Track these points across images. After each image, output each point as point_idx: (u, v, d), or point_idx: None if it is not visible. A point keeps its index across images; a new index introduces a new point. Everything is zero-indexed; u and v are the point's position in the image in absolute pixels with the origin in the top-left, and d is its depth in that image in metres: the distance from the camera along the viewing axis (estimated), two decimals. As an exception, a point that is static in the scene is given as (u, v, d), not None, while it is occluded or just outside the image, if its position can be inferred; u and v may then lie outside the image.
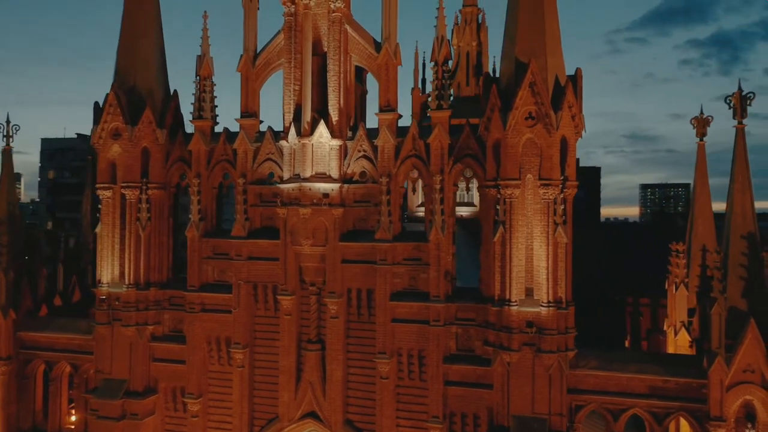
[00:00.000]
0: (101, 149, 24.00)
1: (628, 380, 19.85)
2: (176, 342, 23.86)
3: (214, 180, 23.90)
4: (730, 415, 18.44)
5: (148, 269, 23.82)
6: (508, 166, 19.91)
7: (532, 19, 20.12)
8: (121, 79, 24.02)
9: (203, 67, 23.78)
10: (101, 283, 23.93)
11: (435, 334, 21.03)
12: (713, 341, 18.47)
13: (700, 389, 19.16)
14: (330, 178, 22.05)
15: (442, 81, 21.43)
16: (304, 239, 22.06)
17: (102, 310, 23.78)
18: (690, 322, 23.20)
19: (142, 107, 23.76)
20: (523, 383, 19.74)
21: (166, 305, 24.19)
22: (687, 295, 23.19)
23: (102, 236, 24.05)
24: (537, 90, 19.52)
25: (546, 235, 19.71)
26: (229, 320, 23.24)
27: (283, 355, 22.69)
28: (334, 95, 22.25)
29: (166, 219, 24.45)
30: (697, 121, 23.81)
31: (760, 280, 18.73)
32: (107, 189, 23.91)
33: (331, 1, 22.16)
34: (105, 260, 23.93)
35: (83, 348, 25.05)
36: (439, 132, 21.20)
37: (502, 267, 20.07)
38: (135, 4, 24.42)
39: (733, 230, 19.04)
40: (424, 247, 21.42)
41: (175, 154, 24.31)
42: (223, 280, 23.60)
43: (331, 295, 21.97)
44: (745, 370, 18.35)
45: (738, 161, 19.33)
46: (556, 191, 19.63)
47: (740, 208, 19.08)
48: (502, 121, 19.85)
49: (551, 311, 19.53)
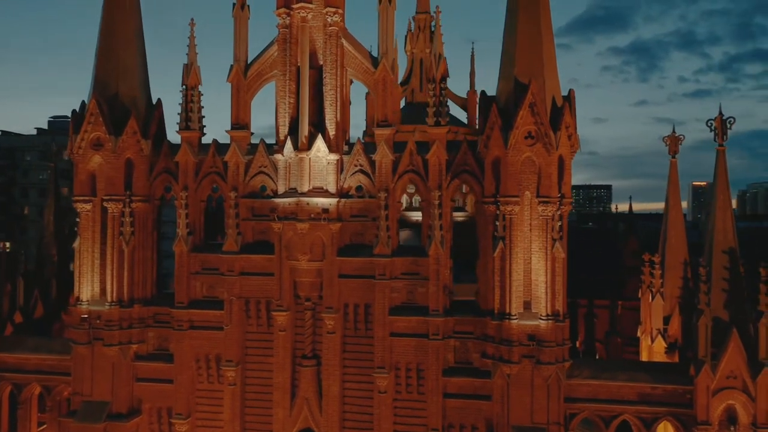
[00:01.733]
0: (80, 160, 22.83)
1: (619, 388, 20.85)
2: (162, 361, 23.04)
3: (203, 193, 23.23)
4: (714, 419, 19.70)
5: (131, 285, 22.87)
6: (508, 184, 20.47)
7: (531, 42, 20.77)
8: (101, 87, 22.94)
9: (191, 77, 23.07)
10: (81, 300, 22.77)
11: (434, 348, 21.32)
12: (700, 350, 19.69)
13: (685, 395, 20.39)
14: (327, 192, 21.93)
15: (440, 98, 21.74)
16: (302, 254, 21.83)
17: (81, 329, 22.60)
18: (665, 329, 24.60)
19: (125, 116, 22.80)
20: (523, 394, 20.36)
21: (151, 323, 23.31)
22: (663, 304, 24.56)
23: (81, 251, 22.88)
24: (537, 110, 20.17)
25: (545, 250, 20.41)
26: (219, 337, 22.67)
27: (278, 372, 22.36)
28: (331, 109, 22.14)
29: (150, 233, 23.57)
30: (669, 140, 25.33)
31: (740, 291, 20.13)
32: (87, 202, 22.78)
33: (328, 15, 22.03)
34: (84, 277, 22.79)
35: (57, 369, 23.75)
36: (437, 148, 21.50)
37: (502, 281, 20.61)
38: (116, 10, 23.37)
39: (715, 246, 20.37)
40: (421, 262, 21.67)
41: (159, 165, 23.44)
42: (212, 296, 22.99)
43: (328, 311, 21.86)
44: (729, 377, 19.64)
45: (719, 181, 20.70)
46: (554, 208, 20.36)
47: (722, 225, 20.44)
48: (504, 140, 20.39)
49: (550, 324, 20.25)
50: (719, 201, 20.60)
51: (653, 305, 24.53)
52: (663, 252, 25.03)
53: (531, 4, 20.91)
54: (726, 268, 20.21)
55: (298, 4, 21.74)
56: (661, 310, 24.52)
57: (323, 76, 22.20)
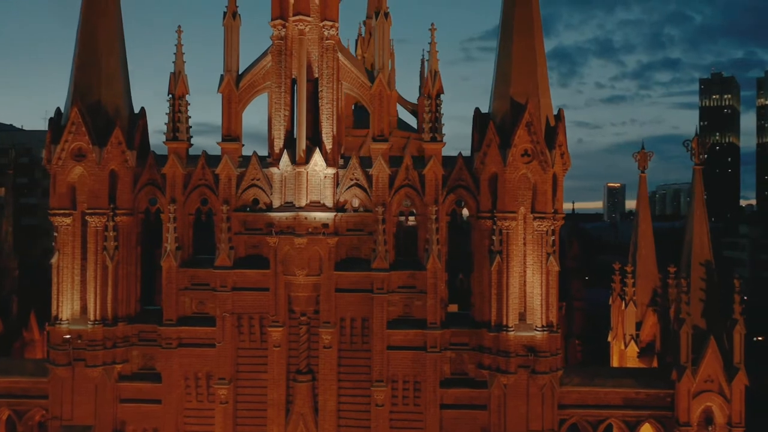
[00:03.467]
0: (60, 171, 21.62)
1: (606, 393, 21.97)
2: (148, 380, 22.18)
3: (191, 206, 22.53)
4: (694, 421, 21.14)
5: (115, 303, 21.87)
6: (506, 200, 21.12)
7: (526, 62, 21.51)
8: (82, 94, 21.79)
9: (178, 86, 22.33)
10: (60, 319, 21.57)
11: (432, 360, 21.67)
12: (682, 357, 21.07)
13: (665, 398, 21.77)
14: (324, 206, 21.83)
15: (436, 114, 22.11)
16: (299, 269, 21.62)
17: (60, 350, 21.40)
18: (637, 334, 26.05)
19: (108, 126, 21.80)
20: (519, 404, 21.07)
21: (135, 341, 22.38)
22: (635, 311, 25.99)
23: (60, 268, 21.67)
24: (533, 129, 20.93)
25: (540, 264, 21.20)
26: (210, 355, 22.08)
27: (272, 388, 22.03)
28: (328, 123, 22.06)
29: (134, 247, 22.62)
30: (639, 155, 26.82)
31: (716, 300, 21.69)
32: (66, 215, 21.60)
33: (325, 28, 21.93)
34: (64, 295, 21.60)
35: (30, 392, 22.33)
36: (434, 164, 21.87)
37: (499, 294, 21.24)
38: (97, 16, 22.28)
39: (693, 258, 21.85)
40: (418, 275, 21.96)
41: (144, 177, 22.54)
42: (202, 312, 22.35)
43: (325, 325, 21.77)
44: (707, 380, 21.13)
45: (696, 198, 22.21)
46: (549, 224, 21.19)
47: (699, 238, 21.95)
48: (502, 157, 21.01)
49: (545, 335, 21.06)
50: (696, 216, 22.10)
51: (627, 312, 25.88)
52: (635, 261, 26.45)
53: (526, 26, 21.66)
54: (703, 279, 21.71)
55: (296, 17, 21.51)
56: (633, 317, 25.88)
57: (319, 90, 22.07)
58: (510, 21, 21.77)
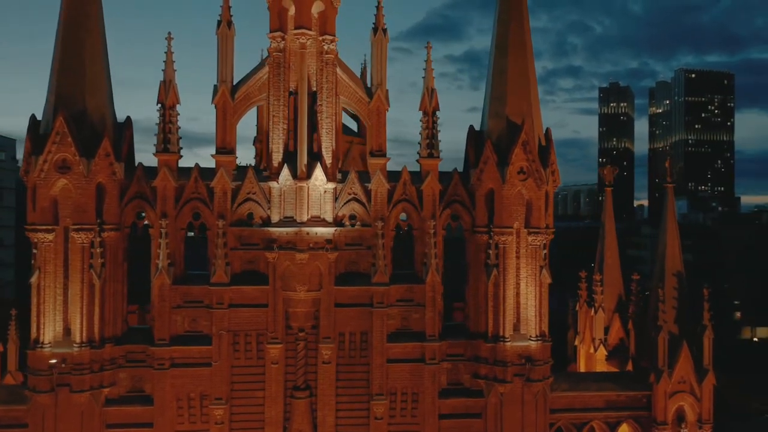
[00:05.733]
0: (42, 184, 20.19)
1: (590, 397, 23.33)
2: (137, 403, 21.17)
3: (183, 220, 21.71)
4: (669, 419, 22.90)
5: (102, 323, 20.70)
6: (503, 216, 21.93)
7: (520, 83, 22.44)
8: (65, 103, 20.47)
9: (169, 95, 21.46)
10: (42, 343, 20.14)
11: (430, 372, 22.12)
12: (660, 361, 22.77)
13: (642, 399, 23.44)
14: (325, 221, 21.74)
15: (433, 130, 22.58)
16: (300, 284, 21.40)
17: (42, 375, 19.99)
18: (605, 339, 27.77)
19: (94, 136, 20.61)
20: (514, 411, 21.96)
21: (122, 362, 21.28)
22: (603, 317, 27.70)
23: (41, 288, 20.24)
24: (529, 148, 21.88)
25: (534, 276, 22.19)
26: (203, 374, 21.40)
27: (269, 406, 21.67)
28: (328, 137, 21.98)
29: (121, 264, 21.51)
30: (606, 171, 28.63)
31: (685, 307, 23.60)
32: (49, 231, 20.20)
33: (325, 43, 21.84)
34: (46, 316, 20.20)
35: (3, 420, 20.69)
36: (431, 179, 22.33)
37: (496, 306, 22.03)
38: (81, 16, 20.99)
39: (667, 269, 23.65)
40: (416, 289, 22.35)
41: (132, 190, 21.48)
42: (195, 331, 21.60)
43: (325, 341, 21.68)
44: (680, 382, 22.96)
45: (669, 213, 24.05)
46: (542, 238, 22.21)
47: (671, 251, 23.78)
48: (501, 175, 21.81)
49: (539, 344, 22.07)
50: (669, 231, 23.93)
51: (596, 318, 27.54)
52: (602, 270, 28.18)
53: (520, 49, 22.58)
54: (675, 288, 23.54)
55: (298, 30, 21.28)
56: (602, 322, 27.60)
57: (318, 104, 21.94)
58: (504, 43, 22.61)
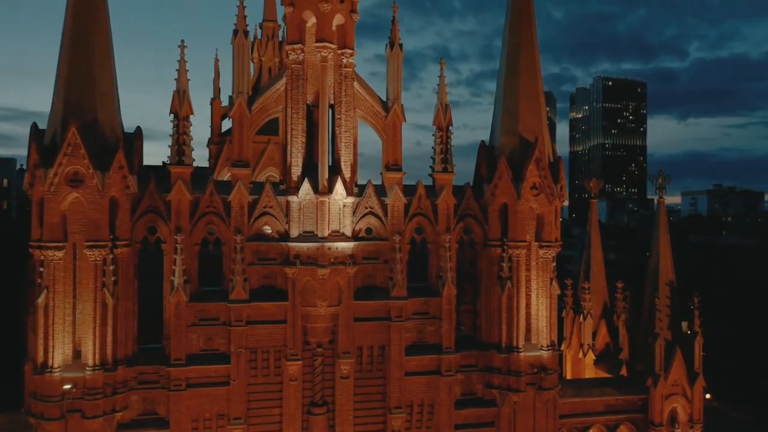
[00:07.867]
0: (51, 198, 18.99)
1: (592, 402, 24.40)
2: (150, 427, 20.29)
3: (197, 235, 21.00)
4: (665, 421, 24.30)
5: (115, 344, 19.71)
6: (517, 230, 22.57)
7: (532, 102, 23.16)
8: (76, 112, 19.35)
9: (183, 106, 20.73)
10: (51, 367, 18.94)
11: (447, 384, 22.45)
12: (656, 366, 24.13)
13: (637, 402, 24.75)
14: (344, 236, 21.62)
15: (447, 145, 22.94)
16: (320, 300, 21.18)
17: (52, 402, 18.81)
18: (593, 344, 29.04)
19: (106, 148, 19.63)
20: (527, 419, 22.65)
21: (134, 384, 20.33)
22: (591, 323, 28.97)
23: (49, 308, 19.03)
24: (542, 165, 22.64)
25: (545, 288, 22.96)
26: (220, 394, 20.81)
27: (287, 423, 21.34)
28: (347, 151, 21.88)
29: (132, 281, 20.53)
30: (593, 184, 29.93)
31: (679, 315, 25.10)
32: (59, 249, 19.03)
33: (344, 56, 21.73)
34: (56, 338, 19.02)
35: (4, 452, 19.35)
36: (446, 194, 22.67)
37: (509, 317, 22.64)
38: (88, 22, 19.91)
39: (660, 279, 25.07)
40: (431, 302, 22.63)
41: (144, 204, 20.56)
42: (211, 349, 20.95)
43: (344, 356, 21.57)
44: (674, 385, 24.42)
45: (661, 226, 25.48)
46: (553, 251, 23.02)
47: (664, 262, 25.22)
48: (516, 190, 22.43)
49: (550, 353, 22.88)
50: (661, 242, 25.37)
51: (585, 324, 28.76)
52: (588, 278, 29.46)
53: (531, 68, 23.29)
54: (668, 297, 24.99)
55: (319, 43, 21.07)
56: (590, 328, 28.86)
57: (337, 117, 21.81)
58: (516, 62, 23.26)
